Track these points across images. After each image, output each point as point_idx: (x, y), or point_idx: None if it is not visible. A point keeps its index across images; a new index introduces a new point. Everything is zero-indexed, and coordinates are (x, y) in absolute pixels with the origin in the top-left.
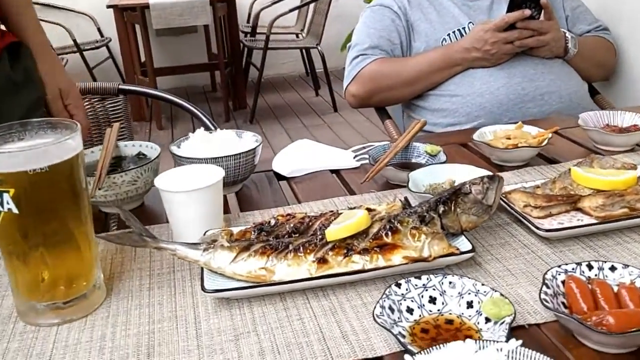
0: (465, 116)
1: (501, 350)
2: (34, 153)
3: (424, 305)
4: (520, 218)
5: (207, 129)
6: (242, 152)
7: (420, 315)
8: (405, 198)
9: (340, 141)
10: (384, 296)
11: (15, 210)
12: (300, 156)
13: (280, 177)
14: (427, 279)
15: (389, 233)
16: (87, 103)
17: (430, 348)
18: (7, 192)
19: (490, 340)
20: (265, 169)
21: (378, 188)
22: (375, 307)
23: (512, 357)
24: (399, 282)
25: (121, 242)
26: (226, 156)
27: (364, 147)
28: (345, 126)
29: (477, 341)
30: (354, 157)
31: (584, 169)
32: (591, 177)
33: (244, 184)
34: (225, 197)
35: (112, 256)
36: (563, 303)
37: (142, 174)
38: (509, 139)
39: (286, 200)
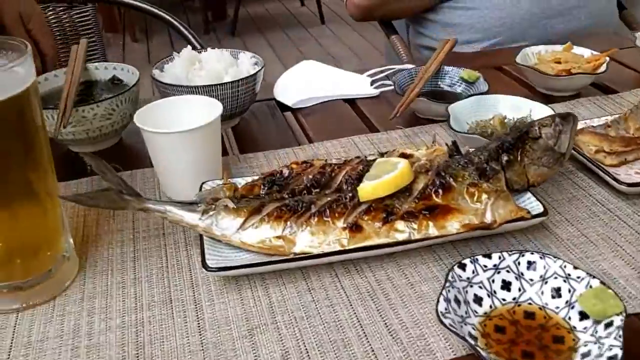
0: (482, 32)
1: None
2: None
3: (495, 292)
4: (592, 167)
5: (191, 45)
6: (241, 79)
7: (491, 306)
8: (454, 142)
9: (330, 57)
10: (447, 284)
11: None
12: (306, 81)
13: (283, 106)
14: (499, 257)
15: (440, 191)
16: (51, 13)
17: None
18: None
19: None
20: (265, 97)
21: (405, 123)
22: (438, 302)
23: None
24: (462, 262)
25: (95, 205)
26: (221, 84)
27: (382, 71)
28: (334, 41)
29: None
30: (372, 84)
31: None
32: None
33: (241, 117)
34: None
35: (85, 214)
36: None
37: (119, 106)
38: (559, 62)
39: (295, 138)
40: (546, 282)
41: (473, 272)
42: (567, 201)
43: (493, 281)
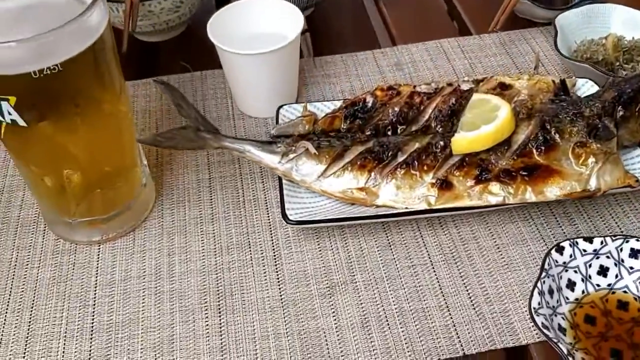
0: None
1: None
2: (37, 45)
3: (590, 277)
4: None
5: None
6: None
7: (583, 291)
8: (562, 82)
9: None
10: (543, 274)
11: (21, 123)
12: None
13: None
14: (602, 242)
15: (542, 148)
16: None
17: None
18: (6, 99)
19: None
20: None
21: (501, 24)
22: (532, 295)
23: None
24: (561, 244)
25: (172, 146)
26: None
27: None
28: None
29: None
30: None
31: None
32: None
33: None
34: None
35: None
36: None
37: None
38: None
39: (375, 37)
40: None
41: (571, 255)
42: None
43: (590, 266)
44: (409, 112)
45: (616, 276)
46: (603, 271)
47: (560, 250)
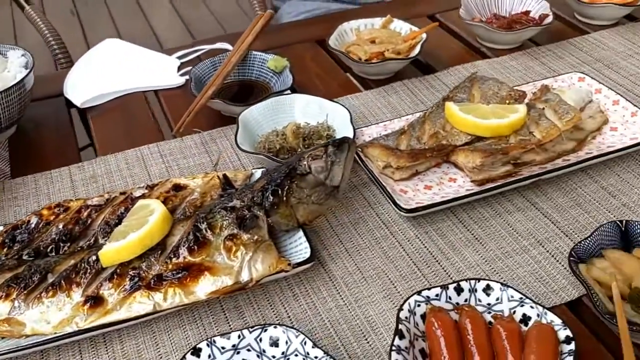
0: None
1: None
2: None
3: None
4: (379, 188)
5: None
6: (1, 92)
7: None
8: (225, 176)
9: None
10: None
11: None
12: (102, 71)
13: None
14: (239, 336)
15: (195, 247)
16: None
17: None
18: None
19: None
20: (55, 92)
21: (207, 122)
22: None
23: None
24: (198, 346)
25: None
26: None
27: (194, 50)
28: None
29: None
30: (179, 71)
31: (461, 107)
32: (470, 120)
33: (18, 124)
34: None
35: None
36: (422, 351)
37: None
38: (374, 42)
39: (78, 152)
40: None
41: (209, 356)
42: (352, 225)
43: None
44: (74, 228)
45: None
46: None
47: (197, 352)
